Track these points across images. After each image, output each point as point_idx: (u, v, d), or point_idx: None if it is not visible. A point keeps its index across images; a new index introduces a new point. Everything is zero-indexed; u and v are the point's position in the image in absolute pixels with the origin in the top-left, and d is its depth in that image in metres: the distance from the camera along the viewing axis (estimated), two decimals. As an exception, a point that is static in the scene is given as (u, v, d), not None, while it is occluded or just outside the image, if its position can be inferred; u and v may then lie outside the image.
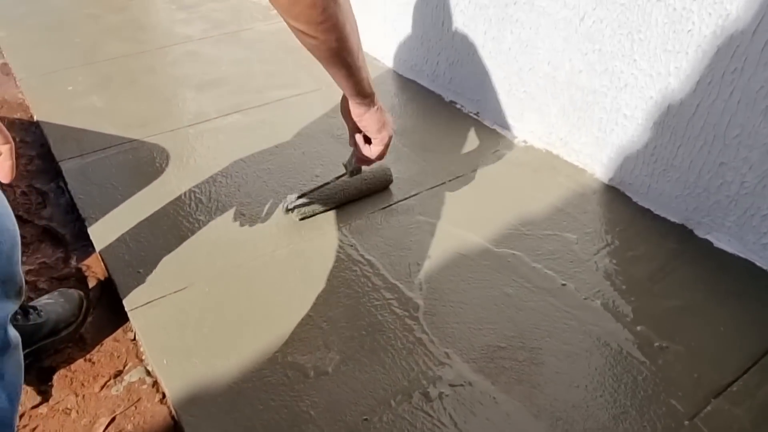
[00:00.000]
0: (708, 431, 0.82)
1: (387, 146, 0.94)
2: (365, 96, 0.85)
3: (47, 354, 0.96)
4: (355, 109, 0.89)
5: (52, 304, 0.98)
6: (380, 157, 0.96)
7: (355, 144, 0.97)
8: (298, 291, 1.02)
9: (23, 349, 0.91)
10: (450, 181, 1.31)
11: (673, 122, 1.12)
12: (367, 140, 0.95)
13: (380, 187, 1.27)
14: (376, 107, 0.89)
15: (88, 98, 1.60)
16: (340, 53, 0.72)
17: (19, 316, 0.91)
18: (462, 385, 0.87)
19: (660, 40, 1.08)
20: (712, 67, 1.02)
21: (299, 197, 1.17)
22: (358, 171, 1.12)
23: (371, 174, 1.25)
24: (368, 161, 0.99)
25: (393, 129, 0.95)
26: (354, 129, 0.94)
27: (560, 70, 1.30)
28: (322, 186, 1.18)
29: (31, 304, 0.96)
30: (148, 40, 1.96)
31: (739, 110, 1.01)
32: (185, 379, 0.88)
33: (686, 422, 0.83)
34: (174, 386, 0.87)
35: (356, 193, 1.23)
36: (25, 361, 0.92)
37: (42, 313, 0.95)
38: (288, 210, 1.17)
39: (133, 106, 1.57)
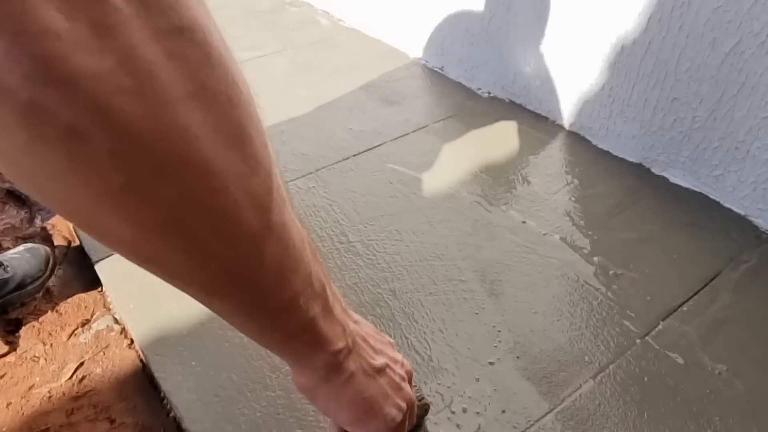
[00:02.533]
0: (658, 347, 0.85)
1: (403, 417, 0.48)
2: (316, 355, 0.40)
3: (14, 307, 0.96)
4: (296, 378, 0.43)
5: (18, 259, 0.98)
6: None
7: None
8: (264, 238, 1.04)
9: None
10: (414, 132, 1.33)
11: (627, 62, 1.14)
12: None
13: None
14: (346, 375, 0.42)
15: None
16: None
17: None
18: (424, 315, 0.90)
19: (612, -20, 1.10)
20: (661, 3, 1.04)
21: None
22: None
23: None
24: None
25: (401, 407, 0.47)
26: None
27: (518, 18, 1.31)
28: None
29: (3, 255, 0.97)
30: None
31: (689, 44, 1.04)
32: (152, 321, 0.89)
33: (638, 340, 0.86)
34: (141, 329, 0.88)
35: None
36: None
37: (8, 269, 0.95)
38: None
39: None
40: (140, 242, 0.26)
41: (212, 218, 0.26)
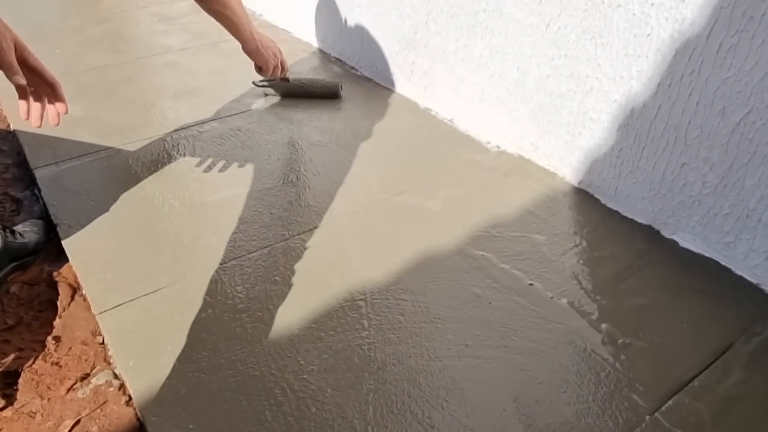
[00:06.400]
0: (669, 425, 0.83)
1: (277, 59, 1.39)
2: (251, 41, 1.28)
3: (13, 357, 0.96)
4: (246, 47, 1.31)
5: (28, 232, 1.17)
6: (279, 68, 1.42)
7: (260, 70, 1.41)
8: (271, 294, 1.03)
9: (13, 261, 1.12)
10: (422, 185, 1.33)
11: (636, 124, 1.15)
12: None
13: (330, 94, 1.69)
14: (260, 43, 1.31)
15: (65, 107, 1.61)
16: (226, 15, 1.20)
17: (8, 234, 1.11)
18: (428, 382, 0.88)
19: (621, 45, 1.11)
20: (671, 69, 1.05)
21: (266, 82, 1.66)
22: (285, 79, 1.62)
23: (323, 83, 1.70)
24: (276, 73, 1.43)
25: (276, 47, 1.40)
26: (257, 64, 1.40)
27: (529, 76, 1.32)
28: (282, 80, 1.62)
29: (15, 228, 1.17)
30: (127, 51, 1.97)
31: (698, 111, 1.04)
32: (151, 380, 0.88)
33: (647, 417, 0.84)
34: (139, 387, 0.87)
35: (308, 93, 1.69)
36: (13, 273, 1.12)
37: (25, 235, 1.15)
38: (256, 84, 1.68)
39: (110, 115, 1.58)
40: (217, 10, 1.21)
41: (232, 15, 1.21)
